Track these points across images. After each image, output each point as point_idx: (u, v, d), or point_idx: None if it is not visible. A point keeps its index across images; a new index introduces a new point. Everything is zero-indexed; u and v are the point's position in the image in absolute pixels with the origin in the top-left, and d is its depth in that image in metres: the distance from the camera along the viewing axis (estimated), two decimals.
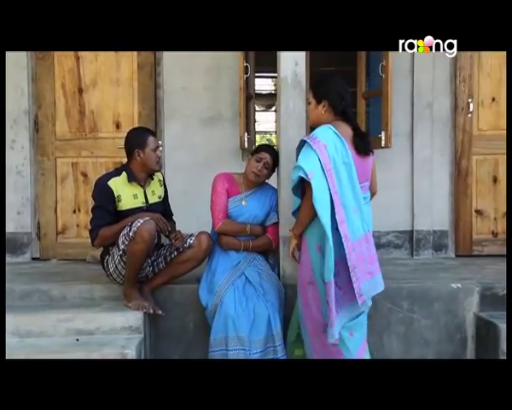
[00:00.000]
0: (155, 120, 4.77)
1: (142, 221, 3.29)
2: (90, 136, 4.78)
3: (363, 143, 3.05)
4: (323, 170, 2.89)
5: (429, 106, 4.76)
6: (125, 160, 4.57)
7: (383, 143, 4.29)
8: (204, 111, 4.77)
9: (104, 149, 4.77)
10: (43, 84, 4.76)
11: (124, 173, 3.50)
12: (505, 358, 3.21)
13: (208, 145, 4.75)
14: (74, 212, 4.79)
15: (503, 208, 4.79)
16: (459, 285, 3.64)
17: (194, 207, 4.40)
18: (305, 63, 3.57)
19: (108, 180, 3.46)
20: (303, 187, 3.02)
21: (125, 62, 4.75)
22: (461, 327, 3.61)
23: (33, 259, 4.79)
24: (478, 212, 4.83)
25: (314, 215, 2.95)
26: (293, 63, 3.55)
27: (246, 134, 4.37)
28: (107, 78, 4.76)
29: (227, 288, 3.40)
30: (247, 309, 3.34)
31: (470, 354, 3.60)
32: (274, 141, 13.76)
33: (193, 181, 4.64)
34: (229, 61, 4.63)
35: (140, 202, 3.51)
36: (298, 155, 3.08)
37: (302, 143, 3.04)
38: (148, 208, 3.53)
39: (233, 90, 4.63)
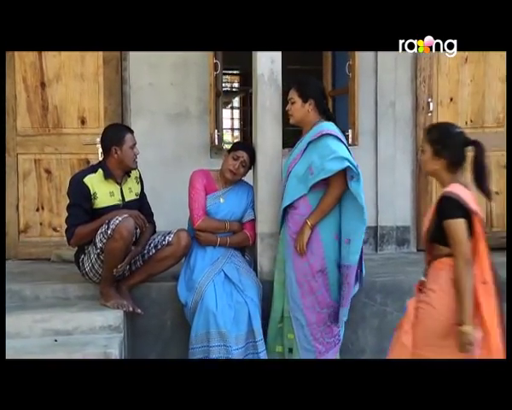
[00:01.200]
0: (122, 116, 4.66)
1: (120, 219, 3.24)
2: (53, 132, 4.63)
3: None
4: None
5: (392, 105, 4.87)
6: (90, 156, 4.55)
7: (350, 140, 4.36)
8: (171, 107, 4.71)
9: (68, 145, 4.63)
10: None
11: (100, 170, 3.43)
12: None
13: (176, 142, 4.70)
14: (37, 210, 4.63)
15: None
16: None
17: (163, 204, 4.35)
18: (281, 61, 3.61)
19: (84, 177, 3.38)
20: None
21: (90, 57, 4.62)
22: None
23: None
24: None
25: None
26: (269, 61, 3.57)
27: (216, 131, 4.36)
28: (72, 72, 4.62)
29: (207, 284, 3.39)
30: (228, 305, 3.36)
31: None
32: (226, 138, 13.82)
33: (161, 178, 4.57)
34: (197, 58, 4.58)
35: (116, 200, 3.45)
36: (306, 149, 3.21)
37: (316, 137, 3.16)
38: (125, 206, 3.47)
39: (200, 87, 4.61)
